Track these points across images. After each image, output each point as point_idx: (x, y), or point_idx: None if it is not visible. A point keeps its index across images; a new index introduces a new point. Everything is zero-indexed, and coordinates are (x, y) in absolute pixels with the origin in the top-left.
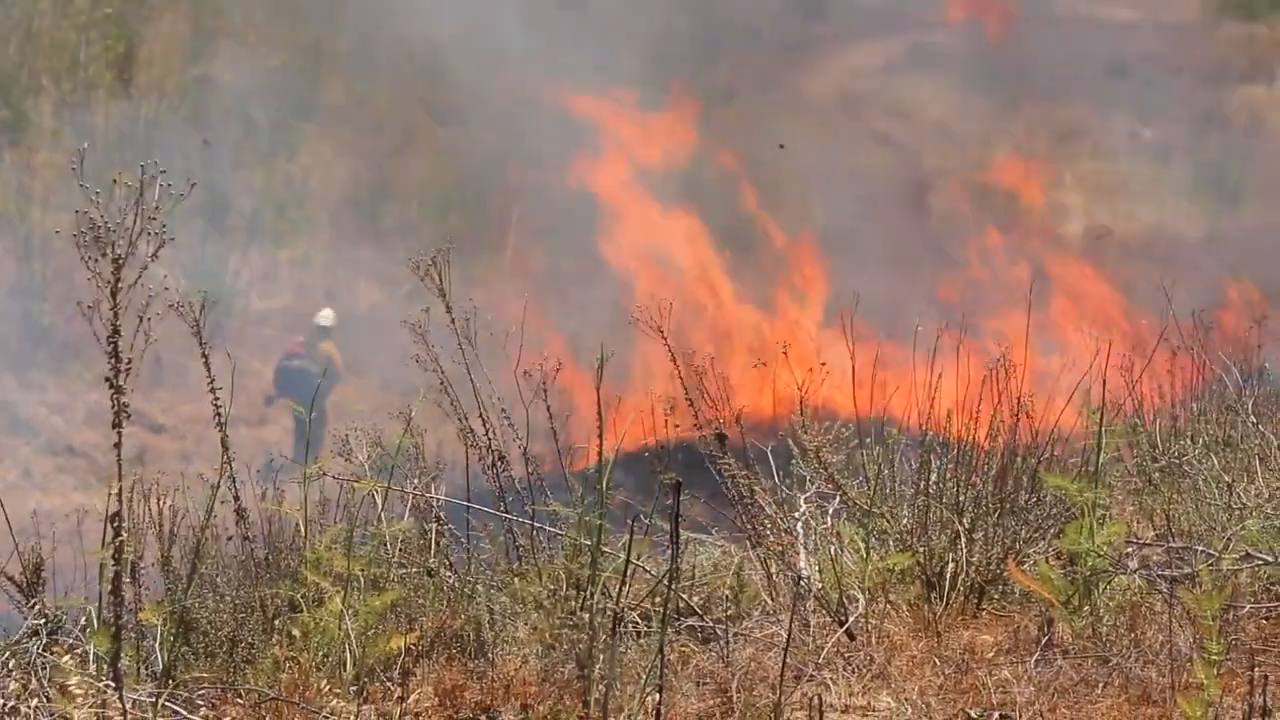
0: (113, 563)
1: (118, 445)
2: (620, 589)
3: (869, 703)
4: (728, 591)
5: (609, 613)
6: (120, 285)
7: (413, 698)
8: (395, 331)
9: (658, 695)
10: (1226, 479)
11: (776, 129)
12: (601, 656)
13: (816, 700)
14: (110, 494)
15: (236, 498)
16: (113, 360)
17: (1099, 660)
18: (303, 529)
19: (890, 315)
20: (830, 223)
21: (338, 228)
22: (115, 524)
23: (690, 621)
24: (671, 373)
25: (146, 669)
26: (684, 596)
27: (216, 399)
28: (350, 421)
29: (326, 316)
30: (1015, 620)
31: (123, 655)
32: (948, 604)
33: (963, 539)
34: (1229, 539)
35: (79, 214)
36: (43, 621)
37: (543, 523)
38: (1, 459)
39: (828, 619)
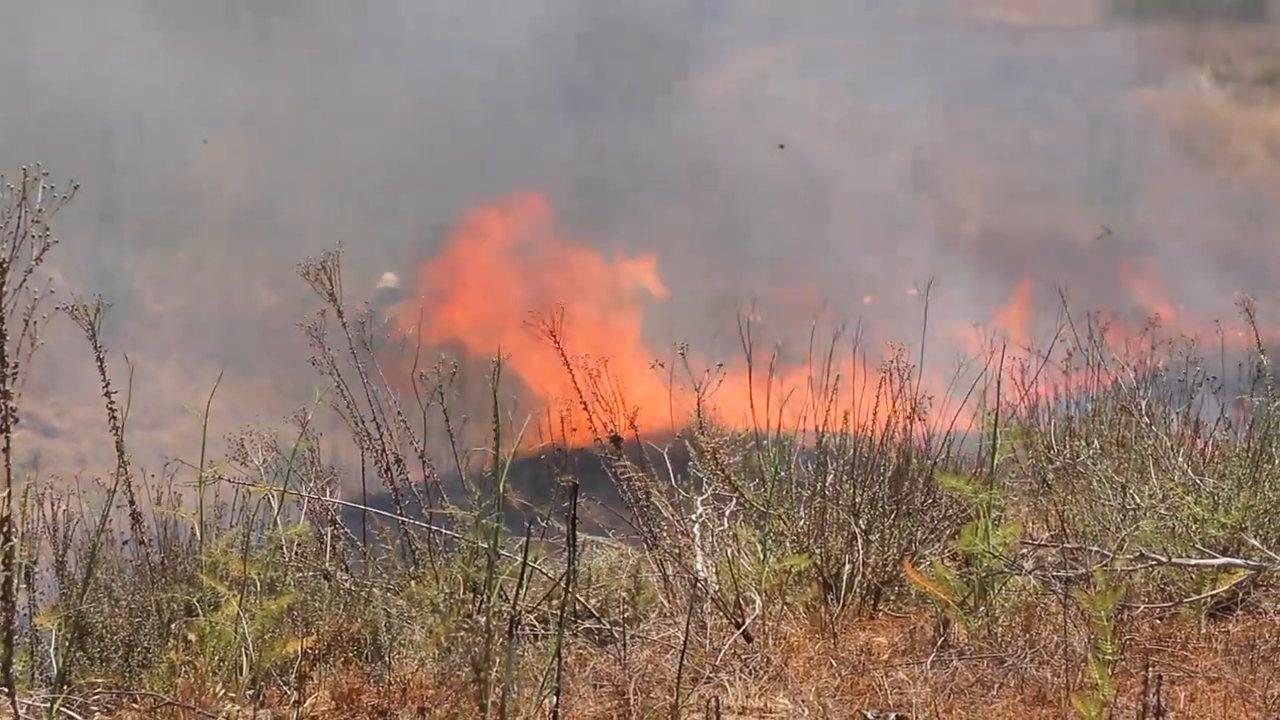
0: (2, 568)
1: (5, 450)
2: (517, 592)
3: (766, 704)
4: (625, 594)
5: (506, 616)
6: (5, 289)
7: (309, 701)
8: (292, 334)
9: (555, 698)
10: (1120, 480)
11: (669, 129)
12: (498, 659)
13: (713, 702)
14: None
15: (132, 502)
16: None
17: (994, 661)
18: (199, 533)
19: (786, 318)
20: (724, 224)
21: (234, 230)
22: (4, 529)
23: (588, 624)
24: (567, 376)
25: (42, 674)
26: (581, 599)
27: (112, 403)
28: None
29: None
30: (911, 621)
31: (15, 661)
32: (844, 605)
33: (859, 540)
34: (1123, 540)
35: None
36: None
37: (440, 526)
38: None
39: (725, 621)
